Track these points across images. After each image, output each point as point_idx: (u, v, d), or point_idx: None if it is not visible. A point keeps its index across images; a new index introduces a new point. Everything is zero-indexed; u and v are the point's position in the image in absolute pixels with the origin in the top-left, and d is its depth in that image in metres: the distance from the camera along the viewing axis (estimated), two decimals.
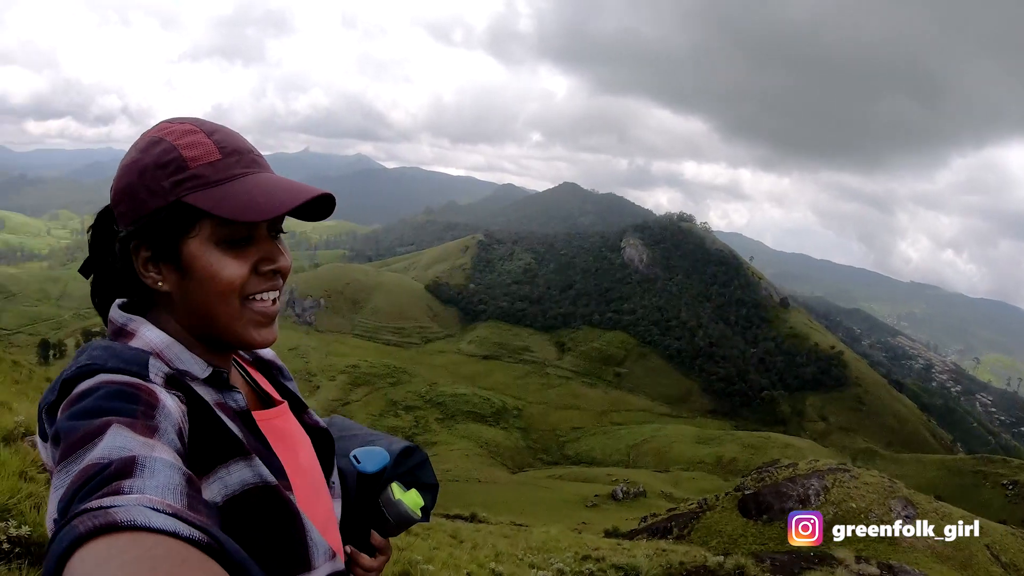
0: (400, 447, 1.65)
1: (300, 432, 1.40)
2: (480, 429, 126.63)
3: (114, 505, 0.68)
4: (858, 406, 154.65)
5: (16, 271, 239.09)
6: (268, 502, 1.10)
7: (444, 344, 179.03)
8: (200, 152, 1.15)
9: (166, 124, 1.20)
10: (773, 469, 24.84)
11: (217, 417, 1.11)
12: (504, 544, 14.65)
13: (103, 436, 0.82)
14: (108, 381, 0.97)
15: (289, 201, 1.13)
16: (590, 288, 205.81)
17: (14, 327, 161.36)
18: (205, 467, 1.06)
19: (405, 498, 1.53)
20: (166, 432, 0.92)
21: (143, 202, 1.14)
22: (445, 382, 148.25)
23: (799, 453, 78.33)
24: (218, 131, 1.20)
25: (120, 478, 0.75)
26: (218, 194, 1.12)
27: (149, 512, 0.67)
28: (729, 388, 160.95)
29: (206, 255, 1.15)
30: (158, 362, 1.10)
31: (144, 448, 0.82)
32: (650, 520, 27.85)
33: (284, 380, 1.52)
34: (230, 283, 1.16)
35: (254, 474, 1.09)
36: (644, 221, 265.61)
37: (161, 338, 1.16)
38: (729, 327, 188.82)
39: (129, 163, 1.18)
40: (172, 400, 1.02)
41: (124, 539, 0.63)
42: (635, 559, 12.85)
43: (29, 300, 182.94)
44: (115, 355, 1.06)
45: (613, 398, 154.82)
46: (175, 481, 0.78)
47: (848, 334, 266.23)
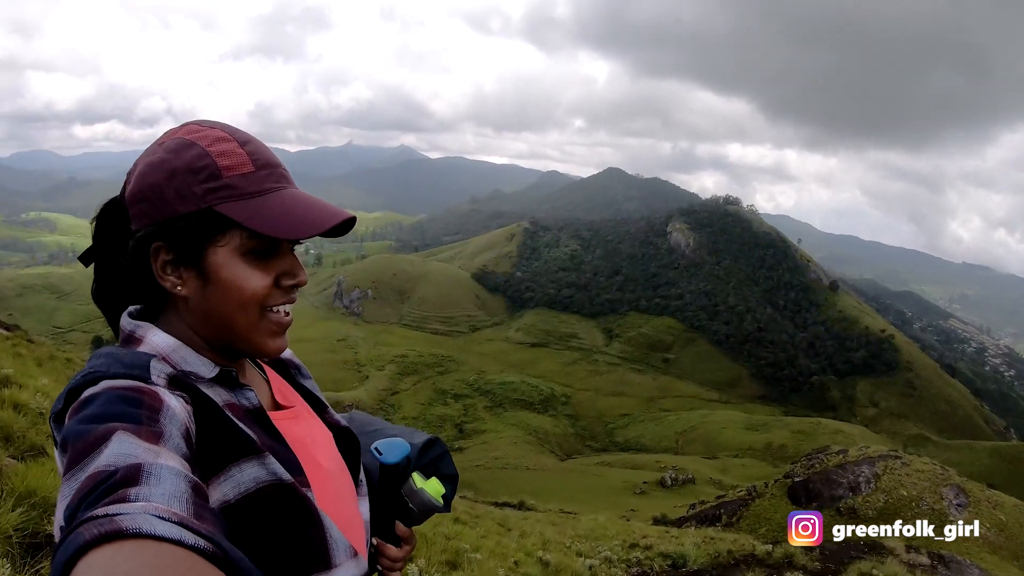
0: (422, 439, 1.65)
1: (320, 429, 1.40)
2: (528, 416, 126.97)
3: (120, 513, 0.68)
4: (909, 391, 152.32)
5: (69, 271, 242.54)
6: (284, 499, 1.10)
7: (491, 332, 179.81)
8: (234, 162, 1.15)
9: (195, 127, 1.20)
10: (823, 456, 24.70)
11: (226, 416, 1.11)
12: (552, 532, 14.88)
13: (108, 443, 0.82)
14: (111, 387, 0.97)
15: (323, 223, 1.14)
16: (637, 274, 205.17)
17: (68, 325, 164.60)
18: (216, 466, 1.07)
19: (427, 487, 1.54)
20: (172, 437, 0.92)
21: (170, 204, 1.14)
22: (493, 370, 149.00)
23: (849, 439, 77.67)
24: (250, 142, 1.20)
25: (126, 486, 0.75)
26: (252, 207, 1.13)
27: (155, 520, 0.67)
28: (778, 373, 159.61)
29: (232, 265, 1.15)
30: (160, 364, 1.10)
31: (150, 455, 0.82)
32: (699, 507, 27.85)
33: (302, 379, 1.53)
34: (254, 295, 1.16)
35: (268, 472, 1.09)
36: (690, 205, 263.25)
37: (168, 342, 1.17)
38: (778, 311, 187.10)
39: (156, 162, 1.17)
40: (177, 401, 1.02)
41: (129, 546, 0.63)
42: (683, 547, 12.95)
43: (82, 299, 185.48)
44: (117, 360, 1.06)
45: (661, 384, 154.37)
46: (181, 489, 0.79)
47: (899, 317, 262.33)
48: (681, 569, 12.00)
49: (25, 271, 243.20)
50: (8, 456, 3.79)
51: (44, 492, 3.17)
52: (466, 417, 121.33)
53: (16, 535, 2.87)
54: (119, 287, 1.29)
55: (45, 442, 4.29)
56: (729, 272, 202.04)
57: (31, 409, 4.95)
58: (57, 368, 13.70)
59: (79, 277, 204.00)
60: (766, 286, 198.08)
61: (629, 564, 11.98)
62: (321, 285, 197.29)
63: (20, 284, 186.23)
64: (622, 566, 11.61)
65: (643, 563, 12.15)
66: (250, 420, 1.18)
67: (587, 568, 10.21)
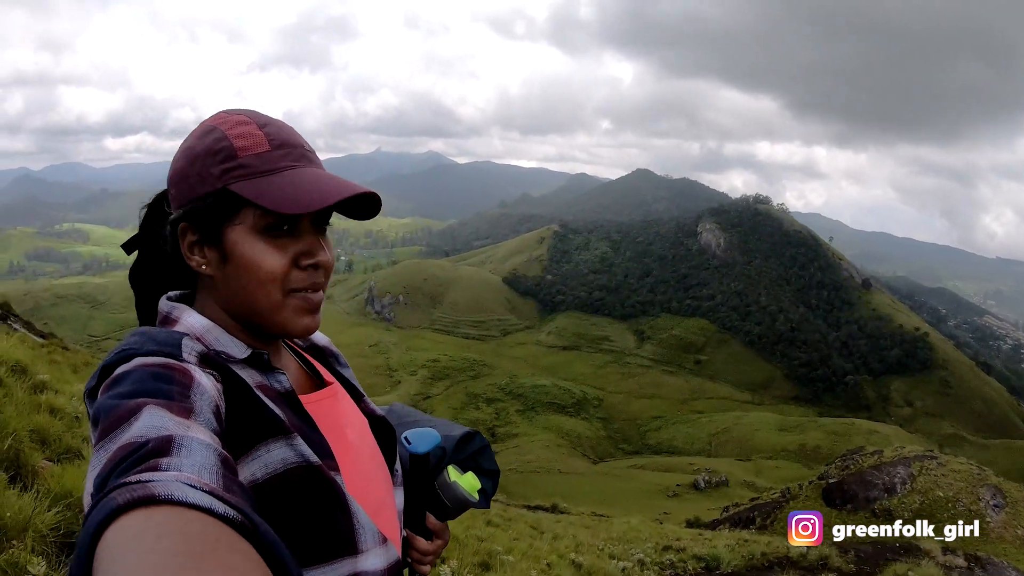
0: (460, 432, 1.65)
1: (354, 415, 1.41)
2: (561, 420, 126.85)
3: (152, 480, 0.69)
4: (945, 390, 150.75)
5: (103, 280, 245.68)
6: (311, 481, 1.10)
7: (523, 336, 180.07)
8: (250, 143, 1.17)
9: (223, 114, 1.24)
10: (858, 457, 24.52)
11: (256, 396, 1.12)
12: (585, 535, 14.93)
13: (139, 416, 0.84)
14: (143, 364, 0.99)
15: (329, 197, 1.14)
16: (668, 275, 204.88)
17: (102, 334, 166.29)
18: (245, 445, 1.08)
19: (462, 481, 1.52)
20: (202, 412, 0.94)
21: (192, 187, 1.18)
22: (525, 374, 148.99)
23: (884, 440, 77.10)
24: (270, 124, 1.23)
25: (157, 456, 0.76)
26: (263, 184, 1.15)
27: (186, 488, 0.68)
28: (812, 373, 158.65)
29: (247, 243, 1.17)
30: (192, 342, 1.13)
31: (180, 428, 0.83)
32: (732, 510, 27.75)
33: (340, 367, 1.53)
34: (270, 273, 1.17)
35: (295, 453, 1.10)
36: (720, 205, 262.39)
37: (202, 322, 1.19)
38: (810, 311, 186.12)
39: (185, 149, 1.22)
40: (208, 379, 1.03)
41: (161, 512, 0.64)
42: (716, 549, 12.99)
43: (116, 308, 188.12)
44: (151, 339, 1.09)
45: (694, 386, 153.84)
46: (211, 461, 0.79)
47: (933, 314, 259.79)
48: (714, 571, 12.06)
49: (60, 281, 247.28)
50: (44, 458, 3.92)
51: (79, 493, 3.26)
52: (498, 421, 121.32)
53: (51, 534, 2.95)
54: (159, 271, 1.34)
55: (81, 445, 4.42)
56: (761, 272, 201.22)
57: (67, 413, 5.09)
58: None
59: (113, 287, 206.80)
60: (798, 285, 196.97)
61: (662, 566, 12.04)
62: (352, 291, 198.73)
63: (55, 294, 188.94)
64: (655, 568, 11.68)
65: (676, 565, 12.21)
66: (281, 402, 1.18)
67: (620, 570, 10.30)
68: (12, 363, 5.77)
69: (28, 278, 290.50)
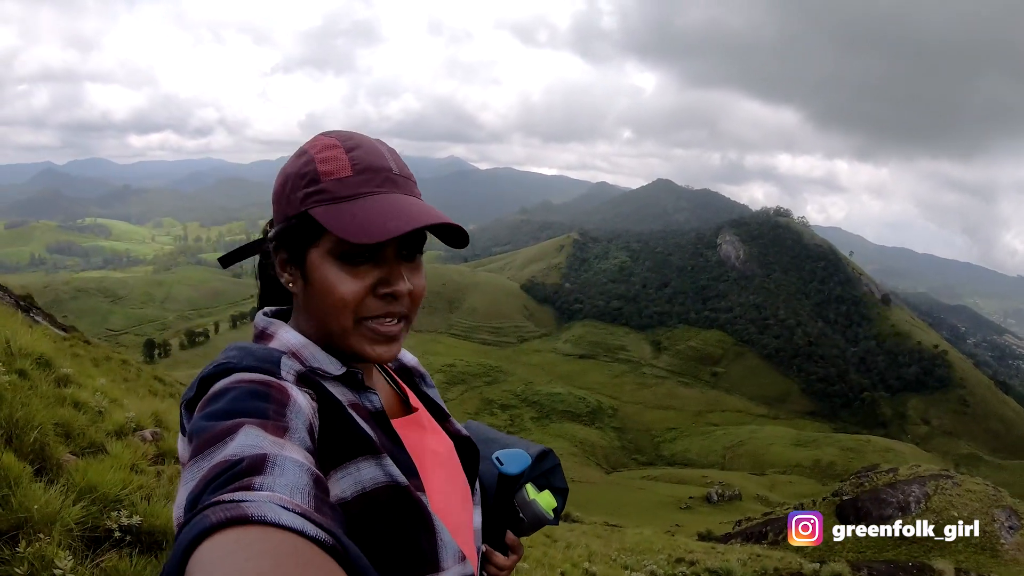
0: (536, 451, 1.67)
1: (440, 437, 1.43)
2: (575, 428, 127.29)
3: (246, 500, 0.71)
4: (962, 409, 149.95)
5: (123, 275, 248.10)
6: (398, 501, 1.13)
7: (540, 343, 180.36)
8: (333, 167, 1.19)
9: (320, 137, 1.26)
10: (872, 474, 24.66)
11: (348, 415, 1.14)
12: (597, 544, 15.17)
13: (235, 436, 0.85)
14: (241, 380, 1.02)
15: (400, 227, 1.13)
16: (686, 286, 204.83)
17: (121, 328, 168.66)
18: (335, 462, 1.10)
19: (540, 499, 1.55)
20: (297, 430, 0.95)
21: (283, 208, 1.22)
22: (541, 381, 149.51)
23: (900, 458, 76.71)
24: (359, 148, 1.23)
25: (251, 474, 0.78)
26: (338, 211, 1.16)
27: (279, 509, 0.69)
28: (828, 389, 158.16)
29: (324, 267, 1.18)
30: (291, 360, 1.15)
31: (275, 447, 0.85)
32: (745, 524, 27.87)
33: (426, 388, 1.55)
34: (342, 299, 1.18)
35: (384, 473, 1.12)
36: (740, 217, 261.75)
37: (298, 339, 1.22)
38: (828, 325, 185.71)
39: (281, 171, 1.25)
40: (304, 397, 1.05)
41: (253, 532, 0.65)
42: (728, 563, 13.17)
43: (135, 303, 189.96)
44: (250, 354, 1.12)
45: (709, 398, 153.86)
46: (304, 481, 0.81)
47: (952, 332, 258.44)
48: None
49: (80, 275, 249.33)
50: (69, 452, 4.01)
51: (104, 488, 3.39)
52: (512, 428, 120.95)
53: (77, 528, 3.02)
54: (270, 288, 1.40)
55: (104, 439, 4.51)
56: (779, 285, 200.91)
57: (90, 407, 5.22)
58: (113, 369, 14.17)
59: (132, 282, 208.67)
60: (817, 299, 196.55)
61: None
62: None
63: (75, 287, 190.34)
64: None
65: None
66: (372, 422, 1.20)
67: None
68: (36, 356, 5.92)
69: (49, 271, 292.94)
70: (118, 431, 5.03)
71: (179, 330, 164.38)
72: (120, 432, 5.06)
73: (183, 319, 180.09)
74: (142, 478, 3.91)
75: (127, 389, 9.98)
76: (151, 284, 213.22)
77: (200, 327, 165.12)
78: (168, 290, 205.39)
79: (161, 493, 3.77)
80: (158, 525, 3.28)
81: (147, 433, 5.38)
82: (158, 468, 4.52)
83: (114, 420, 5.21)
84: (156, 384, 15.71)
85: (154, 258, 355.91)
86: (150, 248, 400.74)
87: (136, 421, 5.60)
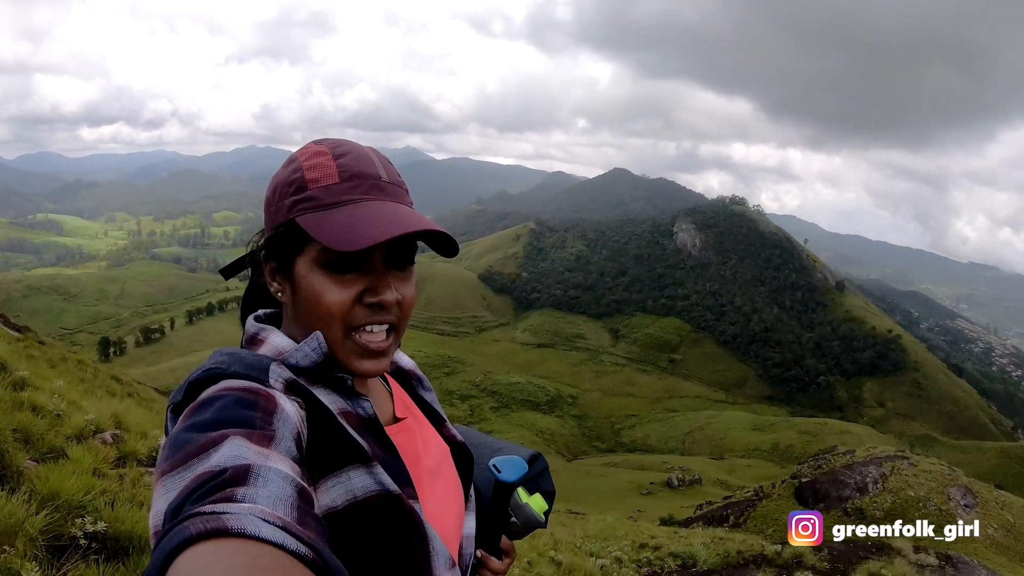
0: (527, 455, 1.67)
1: (434, 441, 1.42)
2: (535, 417, 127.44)
3: (226, 512, 0.70)
4: (916, 391, 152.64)
5: (75, 272, 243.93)
6: (390, 509, 1.11)
7: (498, 333, 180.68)
8: (319, 175, 1.18)
9: (311, 145, 1.25)
10: (830, 456, 24.73)
11: (338, 423, 1.12)
12: (562, 532, 14.88)
13: (220, 447, 0.85)
14: (229, 388, 1.00)
15: (383, 233, 1.12)
16: (643, 274, 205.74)
17: (75, 326, 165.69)
18: (325, 471, 1.08)
19: (532, 503, 1.57)
20: (283, 439, 0.94)
21: (272, 216, 1.21)
22: (500, 371, 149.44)
23: (856, 440, 77.70)
24: (348, 155, 1.22)
25: (234, 485, 0.77)
26: (322, 218, 1.15)
27: (259, 522, 0.69)
28: (785, 374, 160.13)
29: (311, 276, 1.17)
30: (279, 368, 1.13)
31: (259, 457, 0.84)
32: (706, 508, 27.94)
33: (423, 391, 1.53)
34: (329, 308, 1.17)
35: (375, 481, 1.11)
36: (696, 205, 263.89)
37: (289, 344, 1.20)
38: (784, 311, 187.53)
39: (272, 179, 1.24)
40: (292, 405, 1.04)
41: (232, 545, 0.65)
42: (692, 547, 12.98)
43: (89, 300, 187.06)
44: (238, 360, 1.10)
45: (668, 384, 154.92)
46: (287, 493, 0.80)
47: (906, 317, 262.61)
48: (691, 569, 12.04)
49: (32, 272, 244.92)
50: (29, 458, 3.86)
51: (66, 495, 3.26)
52: (472, 418, 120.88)
53: (41, 537, 2.90)
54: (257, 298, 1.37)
55: (64, 444, 4.35)
56: (736, 272, 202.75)
57: (48, 411, 5.03)
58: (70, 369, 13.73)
59: (85, 279, 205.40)
60: (772, 286, 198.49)
61: (639, 564, 12.00)
62: None
63: (27, 285, 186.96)
64: (632, 566, 11.64)
65: (653, 563, 12.18)
66: (363, 429, 1.19)
67: (599, 568, 10.27)
68: None
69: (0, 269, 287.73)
70: (78, 435, 4.94)
71: (134, 327, 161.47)
72: (80, 436, 4.95)
73: (138, 316, 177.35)
74: (104, 482, 3.80)
75: (85, 390, 9.77)
76: (104, 280, 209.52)
77: (156, 323, 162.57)
78: (122, 286, 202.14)
79: (125, 497, 3.68)
80: (123, 531, 3.26)
81: (107, 435, 5.28)
82: (120, 471, 4.44)
83: (73, 423, 5.05)
84: (113, 384, 15.45)
85: (107, 253, 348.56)
86: (103, 243, 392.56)
87: (95, 423, 5.46)
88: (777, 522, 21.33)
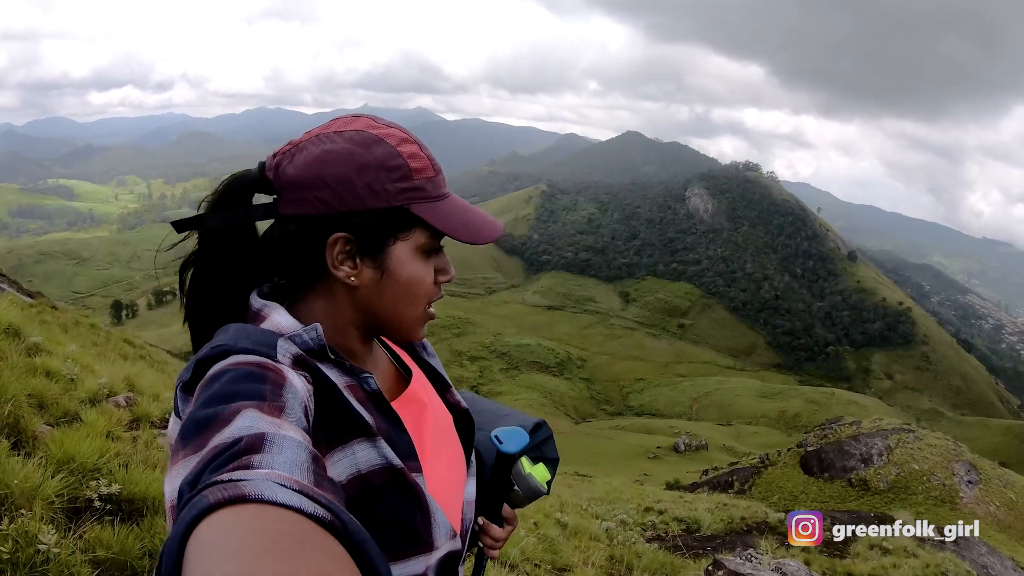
0: (531, 424, 1.67)
1: (439, 411, 1.42)
2: (544, 379, 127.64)
3: (244, 479, 0.70)
4: (925, 365, 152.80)
5: (87, 236, 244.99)
6: (393, 482, 1.12)
7: (508, 295, 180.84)
8: (422, 165, 1.19)
9: (374, 124, 1.22)
10: (836, 426, 24.72)
11: (344, 397, 1.13)
12: (568, 494, 14.96)
13: (233, 421, 0.85)
14: (238, 363, 1.00)
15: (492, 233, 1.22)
16: (654, 238, 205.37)
17: (87, 290, 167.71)
18: (330, 445, 1.09)
19: (535, 472, 1.57)
20: (293, 410, 0.94)
21: (359, 198, 1.16)
22: (509, 332, 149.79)
23: (863, 411, 77.60)
24: (426, 147, 1.24)
25: (249, 453, 0.77)
26: (438, 211, 1.19)
27: (276, 487, 0.69)
28: (794, 342, 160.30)
29: (412, 262, 1.19)
30: (287, 344, 1.12)
31: (272, 426, 0.84)
32: (711, 474, 28.02)
33: (427, 356, 1.54)
34: (427, 290, 1.22)
35: (379, 455, 1.12)
36: (709, 171, 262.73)
37: (290, 323, 1.17)
38: (795, 280, 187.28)
39: (341, 152, 1.17)
40: (300, 380, 1.03)
41: (251, 511, 0.65)
42: (696, 512, 13.10)
43: (100, 264, 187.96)
44: (246, 336, 1.10)
45: (677, 349, 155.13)
46: (302, 458, 0.80)
47: (917, 290, 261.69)
48: (695, 534, 12.14)
49: (44, 237, 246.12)
50: (44, 423, 3.90)
51: (81, 458, 3.31)
52: (482, 379, 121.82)
53: (57, 501, 2.94)
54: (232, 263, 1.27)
55: (78, 408, 4.42)
56: (747, 239, 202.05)
57: (62, 376, 5.09)
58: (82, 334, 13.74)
59: (97, 243, 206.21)
60: (784, 254, 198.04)
61: (644, 527, 12.09)
62: None
63: (39, 251, 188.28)
64: (637, 529, 11.72)
65: (658, 527, 12.28)
66: (369, 404, 1.20)
67: (604, 530, 10.31)
68: (5, 326, 5.81)
69: (12, 235, 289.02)
70: (91, 398, 5.05)
71: (146, 290, 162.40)
72: (94, 399, 5.04)
73: (150, 279, 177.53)
74: (118, 445, 3.89)
75: (97, 354, 9.83)
76: (116, 244, 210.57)
77: (167, 286, 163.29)
78: (133, 249, 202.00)
79: (138, 459, 3.80)
80: (137, 492, 3.31)
81: (120, 399, 5.36)
82: (133, 434, 4.52)
83: (87, 387, 5.13)
84: (126, 347, 15.43)
85: (119, 217, 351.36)
86: (114, 207, 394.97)
87: (109, 387, 5.52)
88: (782, 490, 21.46)
